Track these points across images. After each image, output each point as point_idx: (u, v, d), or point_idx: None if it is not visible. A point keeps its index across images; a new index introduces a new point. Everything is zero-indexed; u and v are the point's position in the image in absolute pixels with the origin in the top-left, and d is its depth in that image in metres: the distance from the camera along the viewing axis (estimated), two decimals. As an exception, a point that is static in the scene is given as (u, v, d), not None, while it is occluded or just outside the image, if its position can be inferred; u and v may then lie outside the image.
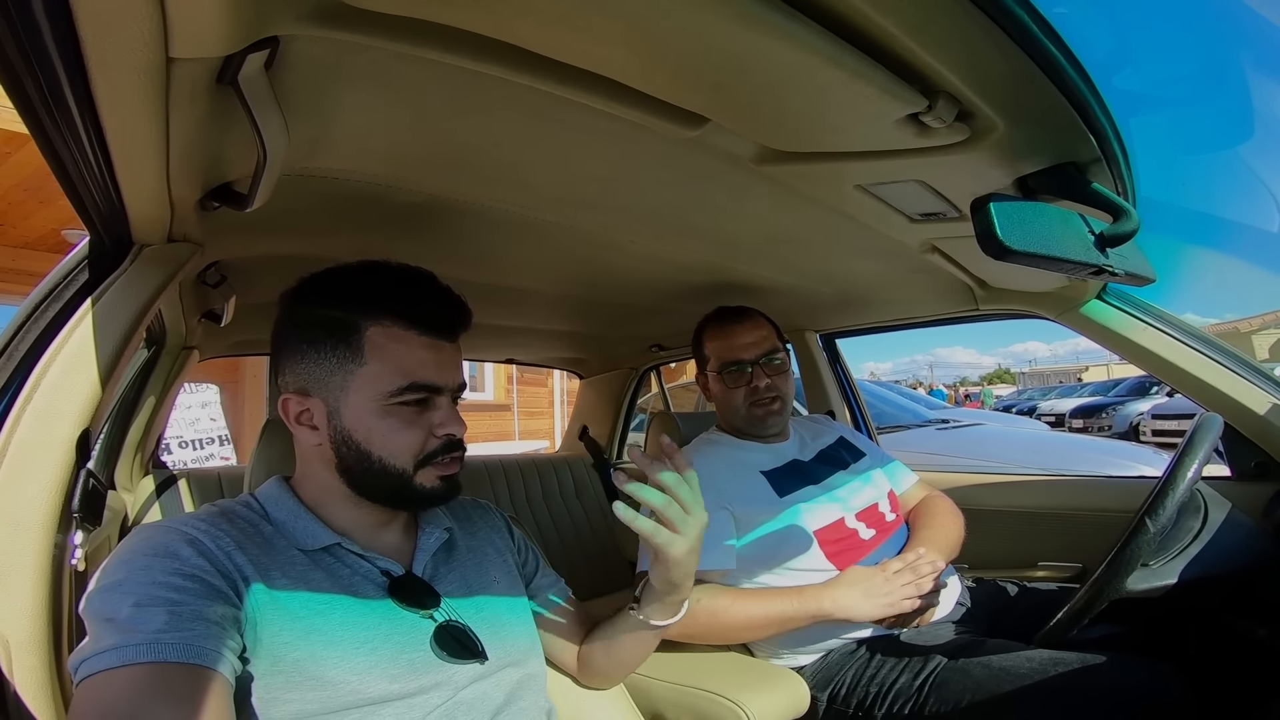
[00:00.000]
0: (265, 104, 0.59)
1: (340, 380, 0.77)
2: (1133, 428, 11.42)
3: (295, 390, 0.79)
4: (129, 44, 0.46)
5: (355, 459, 0.77)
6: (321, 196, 0.94)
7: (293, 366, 0.79)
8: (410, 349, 0.78)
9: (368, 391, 0.76)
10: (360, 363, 0.76)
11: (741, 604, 1.20)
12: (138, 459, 1.77)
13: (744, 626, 1.20)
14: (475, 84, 0.66)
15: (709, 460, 1.37)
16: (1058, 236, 0.78)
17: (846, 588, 1.20)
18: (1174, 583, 1.02)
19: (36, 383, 0.73)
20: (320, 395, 0.78)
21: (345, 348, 0.76)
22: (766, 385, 1.41)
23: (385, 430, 0.77)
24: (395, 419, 0.77)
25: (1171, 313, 1.41)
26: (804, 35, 0.53)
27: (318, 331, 0.77)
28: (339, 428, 0.77)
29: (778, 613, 1.19)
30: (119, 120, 0.57)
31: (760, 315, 1.50)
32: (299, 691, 0.67)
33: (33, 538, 0.68)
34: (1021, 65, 0.60)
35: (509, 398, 8.88)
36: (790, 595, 1.21)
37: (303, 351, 0.78)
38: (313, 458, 0.81)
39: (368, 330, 0.77)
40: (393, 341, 0.77)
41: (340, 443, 0.77)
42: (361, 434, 0.77)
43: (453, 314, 0.82)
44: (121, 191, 0.71)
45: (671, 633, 1.08)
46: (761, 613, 1.20)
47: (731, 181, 0.96)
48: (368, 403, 0.76)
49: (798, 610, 1.19)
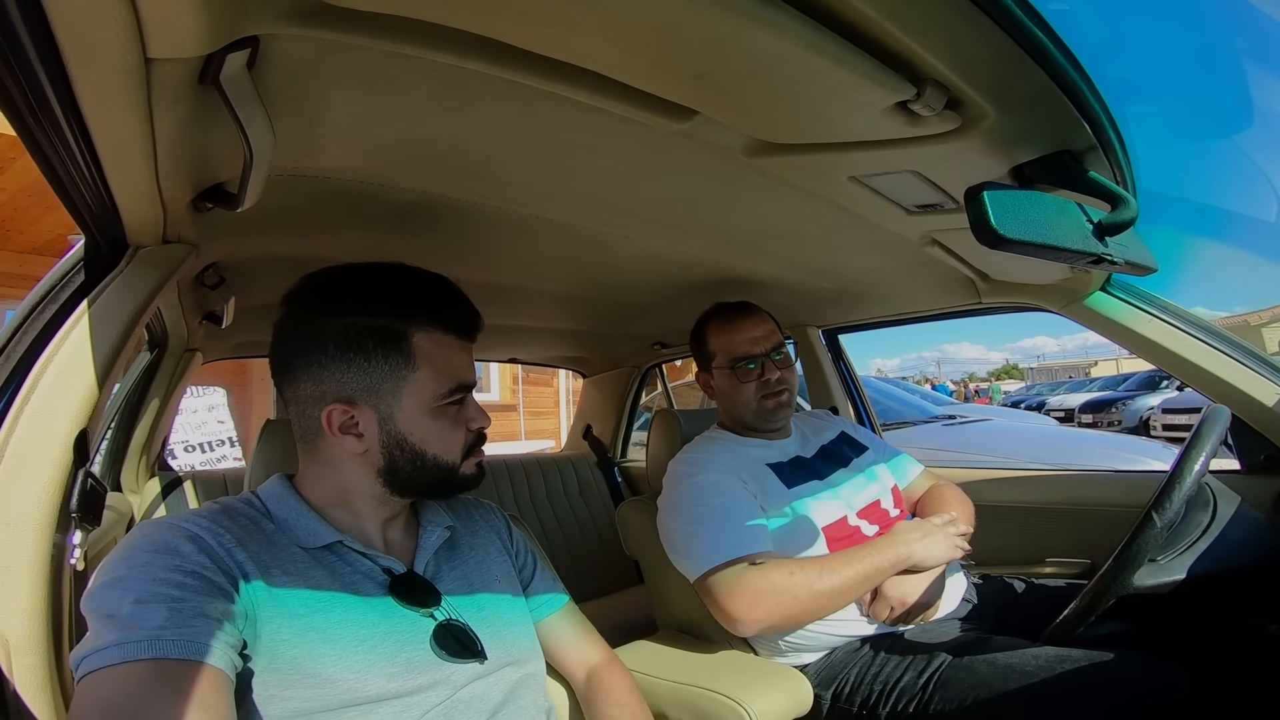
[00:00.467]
0: (249, 104, 0.59)
1: (393, 387, 0.79)
2: (1143, 422, 11.31)
3: (339, 400, 0.78)
4: (105, 46, 0.46)
5: (408, 460, 0.80)
6: (313, 196, 0.94)
7: (334, 376, 0.78)
8: (451, 353, 0.83)
9: (421, 396, 0.80)
10: (413, 369, 0.79)
11: (831, 571, 1.17)
12: (143, 461, 1.79)
13: (839, 590, 1.15)
14: (459, 80, 0.65)
15: (717, 454, 1.37)
16: (1054, 225, 0.77)
17: (917, 537, 1.21)
18: (1182, 578, 1.01)
19: (34, 383, 0.74)
20: (369, 403, 0.78)
21: (397, 355, 0.79)
22: (778, 378, 1.41)
23: (439, 430, 0.81)
24: (445, 419, 0.82)
25: (1178, 305, 1.40)
26: (782, 21, 0.53)
27: (363, 340, 0.78)
28: (393, 433, 0.79)
29: (869, 568, 1.17)
30: (104, 122, 0.57)
31: (762, 310, 1.49)
32: (296, 689, 0.67)
33: (31, 537, 0.69)
34: (1008, 51, 0.59)
35: (515, 398, 8.90)
36: (869, 550, 1.19)
37: (348, 360, 0.78)
38: (345, 462, 0.80)
39: (414, 337, 0.79)
40: (437, 347, 0.81)
41: (393, 447, 0.79)
42: (417, 436, 0.80)
43: (475, 317, 0.87)
44: (113, 193, 0.71)
45: (775, 618, 1.13)
46: (854, 573, 1.16)
47: (724, 175, 0.96)
48: (420, 407, 0.80)
49: (882, 562, 1.17)
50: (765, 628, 1.15)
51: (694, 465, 1.34)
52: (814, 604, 1.15)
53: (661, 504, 1.35)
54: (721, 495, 1.27)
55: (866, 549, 1.20)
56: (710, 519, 1.23)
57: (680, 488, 1.32)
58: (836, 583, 1.15)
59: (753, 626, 1.14)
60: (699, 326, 1.52)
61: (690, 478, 1.31)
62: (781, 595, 1.13)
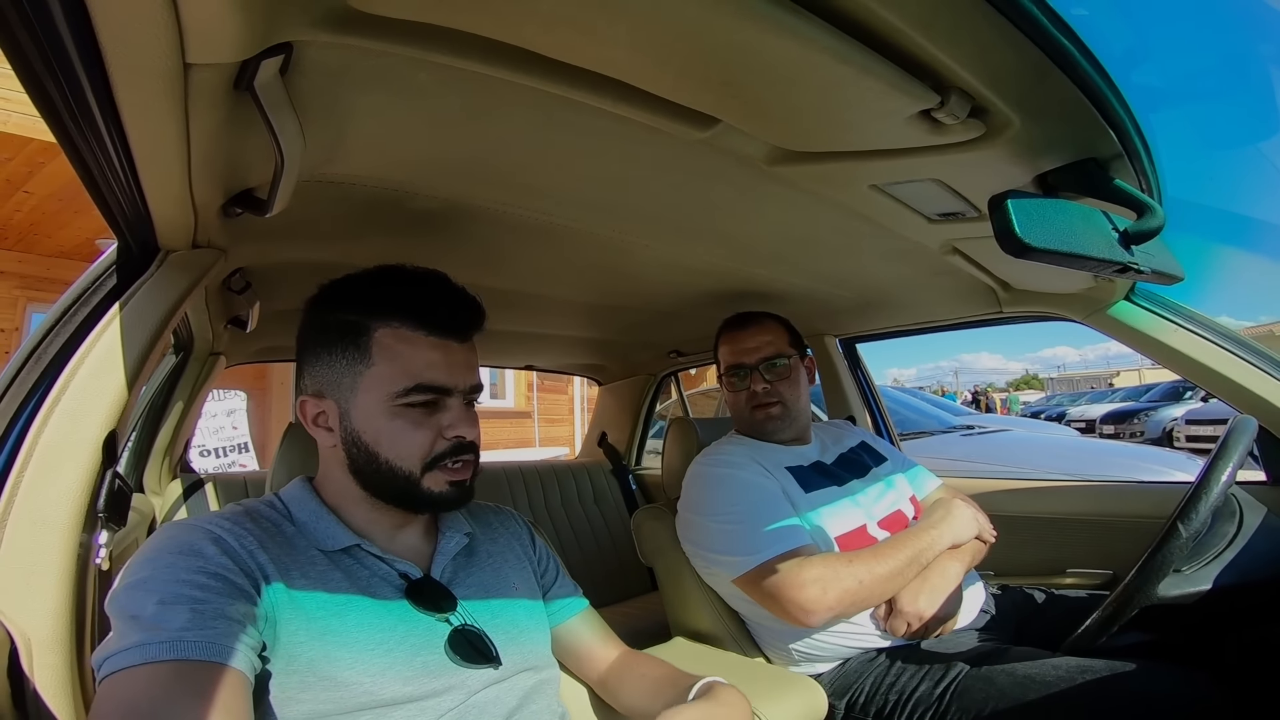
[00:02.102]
0: (281, 110, 0.61)
1: (350, 381, 0.78)
2: (1166, 433, 11.11)
3: (312, 393, 0.81)
4: (147, 50, 0.47)
5: (364, 460, 0.79)
6: (339, 203, 0.96)
7: (309, 369, 0.81)
8: (418, 350, 0.79)
9: (375, 393, 0.78)
10: (368, 364, 0.78)
11: (882, 556, 1.19)
12: (166, 463, 1.81)
13: (895, 574, 1.19)
14: (485, 88, 0.66)
15: (740, 455, 1.37)
16: (1080, 233, 0.76)
17: (947, 520, 1.28)
18: (1208, 589, 1.00)
19: (65, 384, 0.75)
20: (333, 397, 0.79)
21: (355, 349, 0.78)
22: (764, 389, 1.40)
23: (393, 431, 0.78)
24: (403, 420, 0.78)
25: (1203, 314, 1.37)
26: (808, 31, 0.53)
27: (331, 334, 0.79)
28: (349, 429, 0.79)
29: (914, 551, 1.21)
30: (141, 126, 0.58)
31: (772, 320, 1.49)
32: (312, 691, 0.68)
33: (58, 536, 0.70)
34: (1034, 59, 0.59)
35: (529, 405, 8.93)
36: (909, 537, 1.24)
37: (317, 355, 0.80)
38: (329, 459, 0.82)
39: (376, 332, 0.78)
40: (400, 343, 0.78)
41: (350, 444, 0.79)
42: (370, 435, 0.78)
43: (464, 314, 0.83)
44: (146, 197, 0.73)
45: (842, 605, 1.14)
46: (904, 556, 1.20)
47: (745, 184, 0.96)
48: (376, 404, 0.78)
49: (924, 544, 1.23)
50: (835, 615, 1.16)
51: (723, 465, 1.35)
52: (877, 588, 1.17)
53: (688, 507, 1.35)
54: (758, 490, 1.28)
55: (906, 535, 1.24)
56: (753, 515, 1.24)
57: (713, 487, 1.32)
58: (892, 567, 1.18)
59: (824, 614, 1.14)
60: (717, 335, 1.53)
61: (723, 477, 1.32)
62: (848, 580, 1.14)
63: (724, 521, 1.26)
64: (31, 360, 0.77)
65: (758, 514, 1.24)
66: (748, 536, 1.21)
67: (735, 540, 1.23)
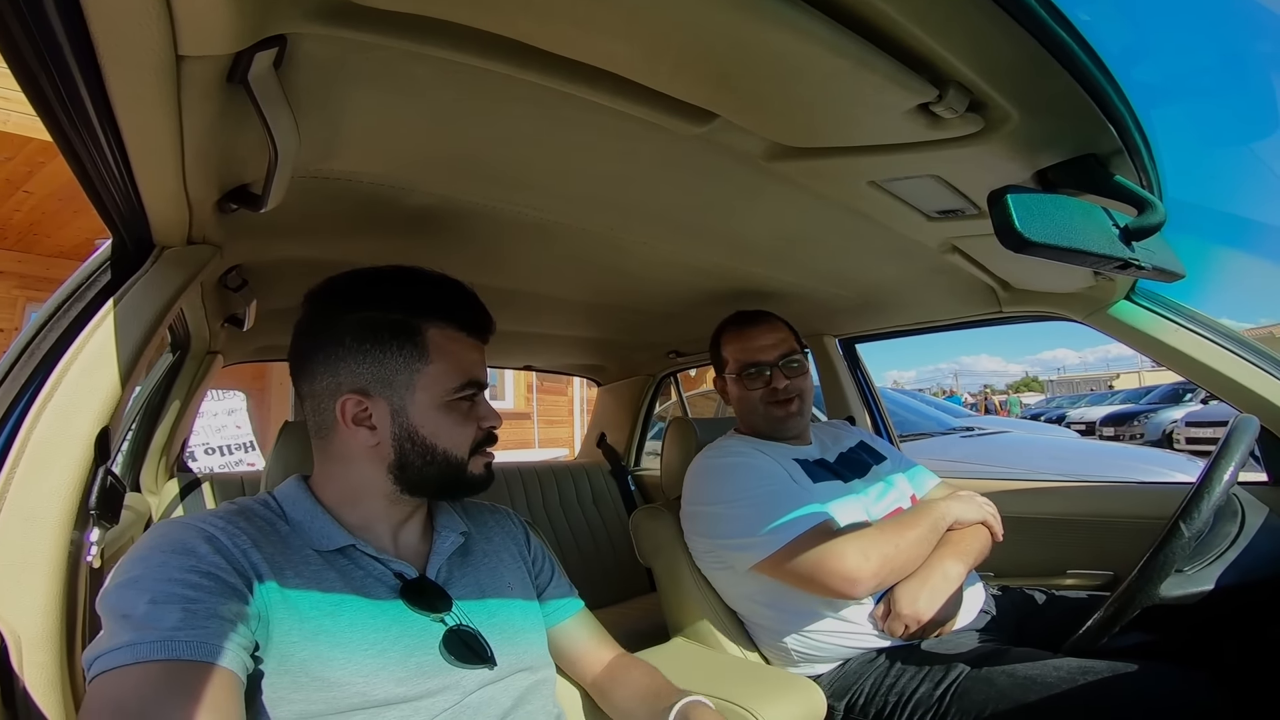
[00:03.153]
0: (275, 103, 0.60)
1: (406, 379, 0.80)
2: (1166, 435, 11.10)
3: (354, 390, 0.79)
4: (139, 42, 0.47)
5: (418, 454, 0.81)
6: (335, 199, 0.95)
7: (349, 368, 0.80)
8: (464, 349, 0.85)
9: (434, 389, 0.81)
10: (426, 361, 0.81)
11: (901, 528, 1.22)
12: (163, 462, 1.80)
13: (918, 542, 1.21)
14: (482, 82, 0.66)
15: (741, 448, 1.37)
16: (1080, 229, 0.76)
17: (953, 499, 1.31)
18: (1210, 589, 0.99)
19: (58, 381, 0.74)
20: (383, 394, 0.80)
21: (412, 348, 0.80)
22: (785, 386, 1.40)
23: (450, 425, 0.82)
24: (456, 414, 0.83)
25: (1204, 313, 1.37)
26: (804, 23, 0.53)
27: (379, 333, 0.80)
28: (404, 425, 0.80)
29: (928, 526, 1.24)
30: (135, 119, 0.58)
31: (777, 319, 1.49)
32: (304, 692, 0.67)
33: (48, 533, 0.69)
34: (1032, 52, 0.58)
35: (529, 406, 8.93)
36: (921, 511, 1.28)
37: (364, 352, 0.79)
38: (357, 457, 0.81)
39: (428, 331, 0.81)
40: (450, 342, 0.83)
41: (404, 439, 0.80)
42: (429, 429, 0.81)
43: (487, 318, 0.89)
44: (140, 192, 0.72)
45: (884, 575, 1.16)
46: (922, 528, 1.23)
47: (743, 180, 0.96)
48: (433, 400, 0.81)
49: (933, 520, 1.25)
50: (879, 583, 1.16)
51: (731, 454, 1.35)
52: (910, 552, 1.20)
53: (696, 499, 1.35)
54: (770, 475, 1.29)
55: (917, 509, 1.28)
56: (771, 498, 1.24)
57: (723, 475, 1.32)
58: (914, 536, 1.21)
59: (869, 581, 1.14)
60: (716, 333, 1.53)
61: (733, 465, 1.32)
62: (885, 546, 1.16)
63: (740, 507, 1.26)
64: (24, 356, 0.76)
65: (775, 497, 1.24)
66: (767, 519, 1.21)
67: (753, 524, 1.22)
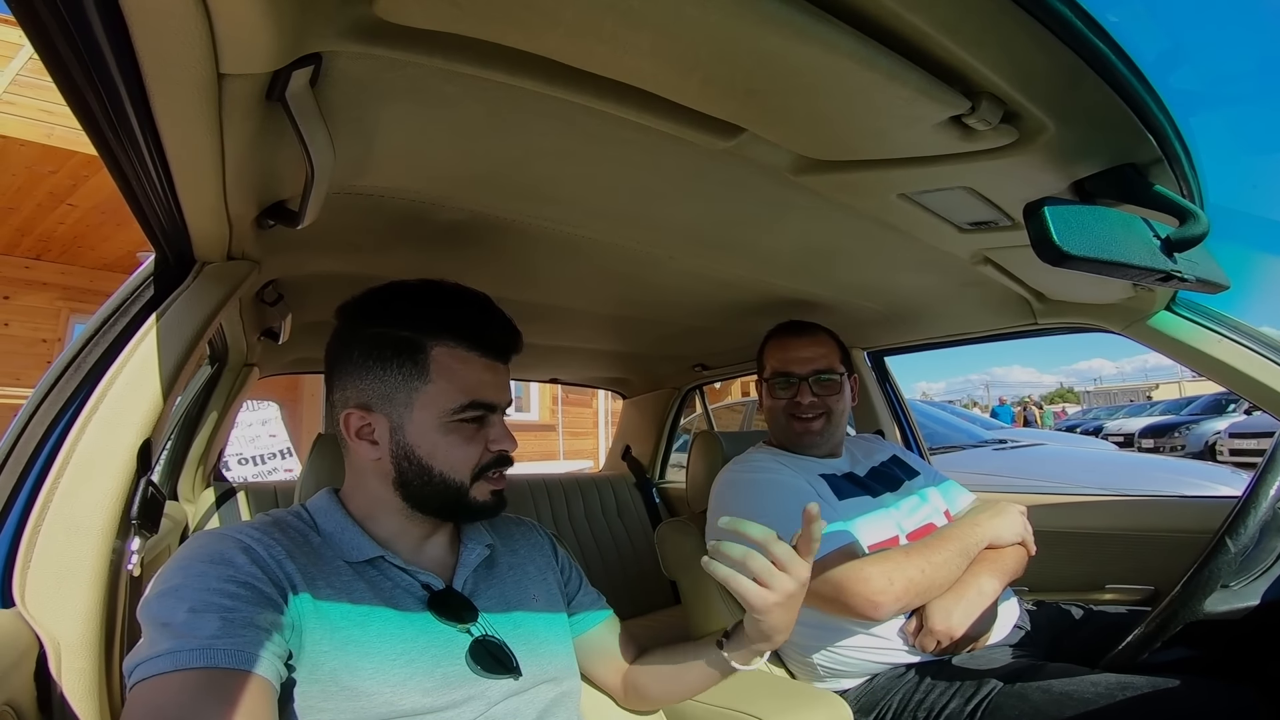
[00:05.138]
0: (311, 120, 0.62)
1: (405, 397, 0.79)
2: (1208, 447, 10.71)
3: (357, 405, 0.80)
4: (182, 60, 0.48)
5: (415, 473, 0.80)
6: (368, 215, 0.97)
7: (355, 382, 0.80)
8: (472, 369, 0.82)
9: (432, 409, 0.79)
10: (425, 381, 0.79)
11: (931, 549, 1.19)
12: (200, 472, 1.85)
13: (947, 564, 1.18)
14: (510, 99, 0.67)
15: (767, 463, 1.35)
16: (1120, 241, 0.74)
17: (992, 517, 1.25)
18: (1256, 604, 0.96)
19: (103, 394, 0.77)
20: (384, 411, 0.80)
21: (412, 366, 0.79)
22: (810, 403, 1.38)
23: (447, 446, 0.80)
24: (456, 435, 0.80)
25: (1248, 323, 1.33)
26: (833, 37, 0.52)
27: (384, 349, 0.80)
28: (401, 443, 0.80)
29: (962, 545, 1.20)
30: (178, 136, 0.59)
31: (826, 333, 1.47)
32: (334, 701, 0.68)
33: (91, 542, 0.71)
34: (1067, 62, 0.57)
35: (554, 418, 8.96)
36: (950, 537, 1.22)
37: (368, 368, 0.80)
38: (367, 472, 0.82)
39: (433, 350, 0.80)
40: (456, 362, 0.81)
41: (401, 457, 0.80)
42: (424, 449, 0.80)
43: (509, 338, 0.87)
44: (183, 208, 0.74)
45: (908, 598, 1.13)
46: (954, 549, 1.19)
47: (770, 194, 0.95)
48: (432, 420, 0.79)
49: (969, 538, 1.21)
50: (903, 606, 1.14)
51: (756, 470, 1.33)
52: (937, 576, 1.16)
53: (724, 512, 1.33)
54: (795, 492, 1.26)
55: (950, 530, 1.23)
56: (795, 517, 1.21)
57: (748, 491, 1.30)
58: (944, 557, 1.17)
59: (892, 605, 1.12)
60: (764, 339, 1.52)
61: (757, 481, 1.30)
62: (910, 570, 1.13)
63: (764, 523, 1.24)
64: (71, 369, 0.79)
65: (798, 515, 1.21)
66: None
67: None
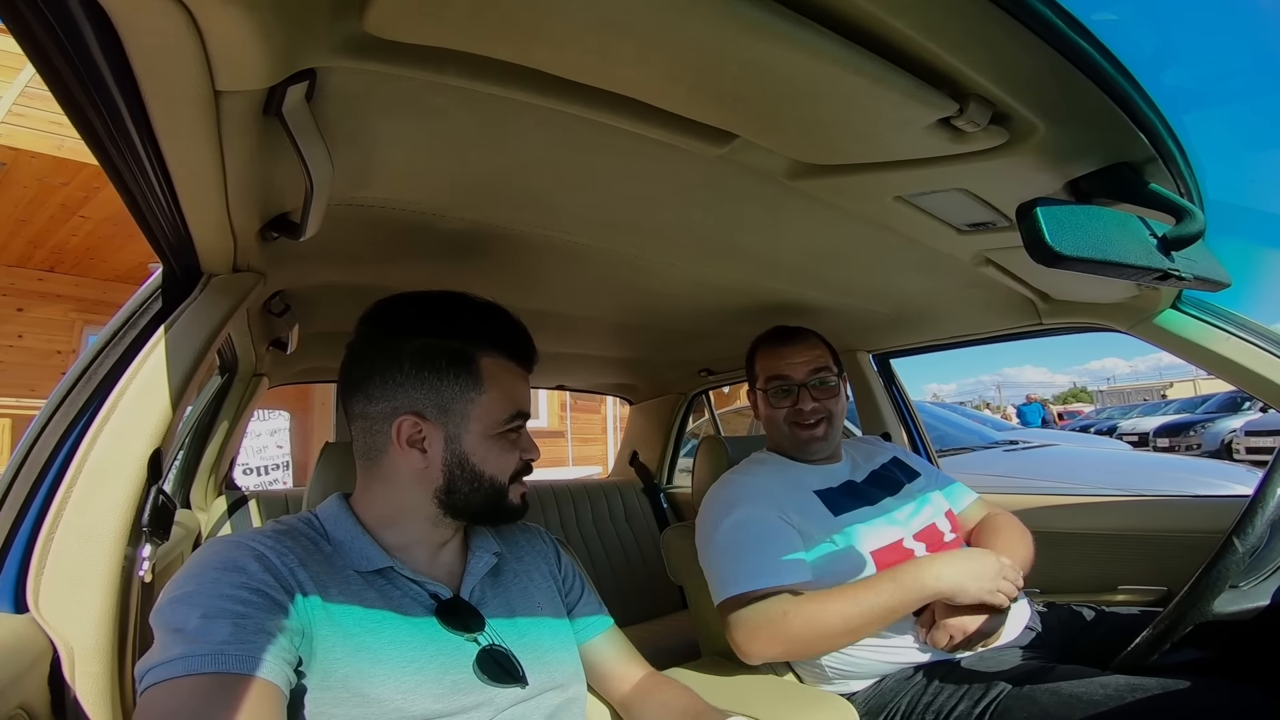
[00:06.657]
0: (308, 135, 0.63)
1: (461, 408, 0.82)
2: (1225, 445, 10.54)
3: (411, 411, 0.81)
4: (177, 79, 0.49)
5: (466, 480, 0.82)
6: (371, 226, 0.98)
7: (408, 392, 0.81)
8: (515, 380, 0.86)
9: (486, 419, 0.83)
10: (481, 391, 0.82)
11: (835, 604, 1.11)
12: (211, 480, 1.87)
13: (844, 631, 1.11)
14: (504, 110, 0.68)
15: (760, 477, 1.35)
16: (1115, 240, 0.74)
17: (954, 564, 1.12)
18: (1266, 604, 0.95)
19: (114, 404, 0.78)
20: (439, 421, 0.81)
21: (468, 376, 0.82)
22: (812, 408, 1.37)
23: (498, 453, 0.84)
24: (504, 443, 0.85)
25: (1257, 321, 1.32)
26: (817, 43, 0.53)
27: (437, 360, 0.81)
28: (456, 452, 0.82)
29: (879, 605, 1.10)
30: (179, 152, 0.61)
31: (815, 336, 1.46)
32: (345, 707, 0.69)
33: (103, 549, 0.72)
34: (1052, 62, 0.58)
35: (563, 424, 8.97)
36: (884, 582, 1.12)
37: (422, 379, 0.81)
38: (403, 480, 0.82)
39: (482, 360, 0.83)
40: (503, 373, 0.85)
41: (454, 465, 0.82)
42: (479, 457, 0.82)
43: (533, 349, 0.90)
44: (187, 221, 0.76)
45: (774, 651, 1.12)
46: (858, 611, 1.10)
47: (766, 199, 0.96)
48: (484, 429, 0.83)
49: (901, 597, 1.10)
50: (770, 658, 1.15)
51: (732, 495, 1.33)
52: (819, 639, 1.12)
53: (699, 524, 1.35)
54: (753, 525, 1.25)
55: (882, 581, 1.13)
56: (735, 549, 1.23)
57: (714, 514, 1.31)
58: (839, 621, 1.10)
59: (755, 658, 1.15)
60: (751, 348, 1.51)
61: (725, 509, 1.30)
62: (777, 629, 1.12)
63: (714, 549, 1.26)
64: (82, 381, 0.81)
65: (741, 549, 1.23)
66: (725, 568, 1.22)
67: (717, 570, 1.24)
